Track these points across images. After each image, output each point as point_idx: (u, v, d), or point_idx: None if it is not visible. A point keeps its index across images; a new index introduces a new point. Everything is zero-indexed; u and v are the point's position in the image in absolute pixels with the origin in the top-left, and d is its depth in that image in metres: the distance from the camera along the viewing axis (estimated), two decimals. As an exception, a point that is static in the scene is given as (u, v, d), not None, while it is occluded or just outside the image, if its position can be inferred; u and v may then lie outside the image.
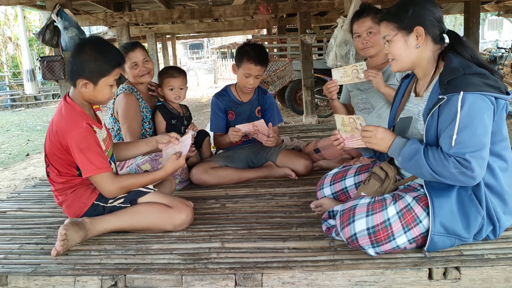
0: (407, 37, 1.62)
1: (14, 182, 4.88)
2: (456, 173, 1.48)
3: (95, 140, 1.88)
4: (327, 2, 5.96)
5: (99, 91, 1.91)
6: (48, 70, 4.29)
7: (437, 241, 1.54)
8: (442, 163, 1.49)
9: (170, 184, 2.34)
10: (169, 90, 2.74)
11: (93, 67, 1.85)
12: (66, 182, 1.94)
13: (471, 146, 1.47)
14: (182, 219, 1.92)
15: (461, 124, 1.47)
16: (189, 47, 34.99)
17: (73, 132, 1.83)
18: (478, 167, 1.47)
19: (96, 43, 1.91)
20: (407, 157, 1.57)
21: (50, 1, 4.25)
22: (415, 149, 1.55)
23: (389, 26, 1.65)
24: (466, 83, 1.47)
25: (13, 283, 1.63)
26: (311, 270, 1.55)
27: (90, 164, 1.84)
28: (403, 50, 1.64)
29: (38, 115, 11.18)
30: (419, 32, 1.60)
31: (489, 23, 25.50)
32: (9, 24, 15.47)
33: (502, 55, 7.74)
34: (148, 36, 9.73)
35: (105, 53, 1.89)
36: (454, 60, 1.56)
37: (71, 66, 1.90)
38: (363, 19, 2.44)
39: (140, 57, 2.66)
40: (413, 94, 1.78)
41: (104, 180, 1.88)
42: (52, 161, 1.93)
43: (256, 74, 2.66)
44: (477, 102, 1.47)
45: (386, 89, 2.39)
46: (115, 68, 1.91)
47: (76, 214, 1.95)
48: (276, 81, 5.30)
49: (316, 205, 2.06)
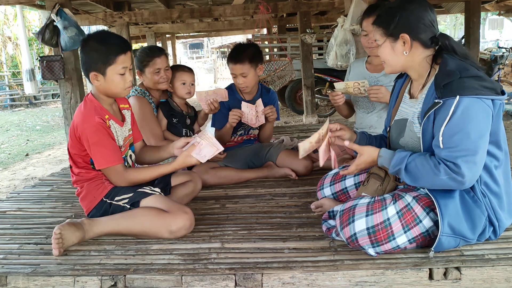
0: (394, 44, 1.61)
1: (14, 182, 4.87)
2: (447, 179, 1.48)
3: (108, 134, 1.92)
4: (327, 2, 5.96)
5: (110, 81, 1.93)
6: (48, 69, 4.29)
7: (443, 241, 1.53)
8: (433, 171, 1.49)
9: (193, 184, 2.33)
10: (181, 84, 2.74)
11: (98, 57, 1.90)
12: (82, 174, 2.00)
13: (464, 150, 1.45)
14: (178, 225, 1.87)
15: (455, 127, 1.45)
16: (189, 47, 34.98)
17: (85, 126, 1.89)
18: (469, 172, 1.46)
19: (99, 34, 1.97)
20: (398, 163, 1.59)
21: (49, 1, 4.25)
22: (403, 157, 1.57)
23: (378, 31, 1.64)
24: (462, 86, 1.45)
25: (13, 283, 1.63)
26: (311, 270, 1.55)
27: (101, 157, 1.91)
28: (391, 56, 1.64)
29: (38, 115, 11.17)
30: (405, 39, 1.57)
31: (489, 22, 25.50)
32: (9, 23, 15.45)
33: (503, 55, 7.71)
34: (147, 36, 9.72)
35: (107, 42, 1.92)
36: (450, 62, 1.53)
37: (82, 62, 1.97)
38: (373, 16, 2.41)
39: (164, 64, 2.68)
40: (408, 96, 1.76)
41: (114, 172, 1.95)
42: (71, 152, 2.00)
43: (240, 72, 2.65)
44: (472, 105, 1.45)
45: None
46: (119, 55, 1.91)
47: (88, 206, 2.01)
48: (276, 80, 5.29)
49: (316, 206, 2.06)
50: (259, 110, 2.63)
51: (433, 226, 1.57)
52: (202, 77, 19.92)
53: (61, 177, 3.10)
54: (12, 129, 8.94)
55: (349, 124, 4.58)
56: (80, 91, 4.52)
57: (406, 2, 1.59)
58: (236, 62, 2.64)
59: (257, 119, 2.66)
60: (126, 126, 2.11)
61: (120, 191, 1.97)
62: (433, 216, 1.56)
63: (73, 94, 4.48)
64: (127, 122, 2.12)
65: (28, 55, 6.70)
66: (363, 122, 2.62)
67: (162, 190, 2.10)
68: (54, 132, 8.40)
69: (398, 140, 1.76)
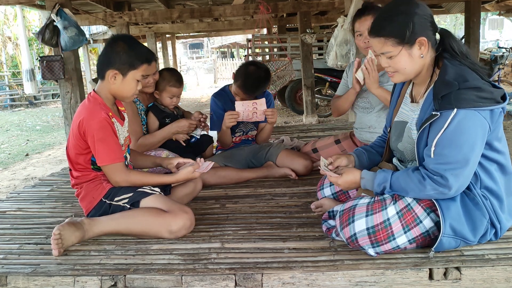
0: (410, 50, 1.55)
1: (14, 182, 4.87)
2: (434, 193, 1.51)
3: (113, 130, 1.94)
4: (327, 2, 5.96)
5: (127, 84, 1.97)
6: (48, 69, 4.29)
7: (444, 242, 1.53)
8: (418, 188, 1.52)
9: (193, 184, 2.34)
10: (169, 97, 2.74)
11: (125, 58, 1.94)
12: (81, 177, 2.01)
13: (454, 163, 1.46)
14: (178, 225, 1.87)
15: (448, 139, 1.45)
16: (189, 47, 34.98)
17: (92, 121, 1.90)
18: (456, 183, 1.47)
19: (129, 38, 2.03)
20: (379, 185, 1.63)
21: (49, 1, 4.25)
22: (386, 175, 1.61)
23: (389, 42, 1.55)
24: (460, 98, 1.44)
25: (13, 283, 1.62)
26: (311, 270, 1.55)
27: (105, 154, 1.92)
28: (409, 63, 1.57)
29: (38, 115, 11.17)
30: (422, 42, 1.54)
31: (490, 22, 25.48)
32: (9, 23, 15.44)
33: (503, 55, 7.71)
34: (147, 36, 9.73)
35: (137, 47, 2.00)
36: (450, 70, 1.51)
37: (102, 57, 2.00)
38: (365, 17, 2.41)
39: (153, 70, 2.67)
40: (409, 99, 1.76)
41: (115, 170, 1.95)
42: (71, 154, 2.01)
43: (243, 97, 2.72)
44: (468, 118, 1.44)
45: (378, 91, 2.37)
46: (144, 63, 1.99)
47: (87, 207, 2.02)
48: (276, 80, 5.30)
49: (317, 206, 2.06)
50: (260, 109, 2.63)
51: (434, 227, 1.57)
52: (202, 77, 19.91)
53: (61, 177, 3.10)
54: (12, 129, 8.94)
55: (348, 124, 4.59)
56: (80, 91, 4.53)
57: (409, 6, 1.54)
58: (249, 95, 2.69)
59: (254, 115, 2.65)
60: (125, 126, 2.12)
61: (119, 191, 1.97)
62: (434, 217, 1.56)
63: (73, 94, 4.49)
64: (126, 123, 2.13)
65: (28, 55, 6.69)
66: (362, 122, 2.62)
67: (162, 190, 2.10)
68: (54, 132, 8.40)
69: (397, 144, 1.76)
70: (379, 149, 1.95)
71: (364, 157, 1.90)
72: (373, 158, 1.92)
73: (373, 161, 1.91)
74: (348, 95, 2.56)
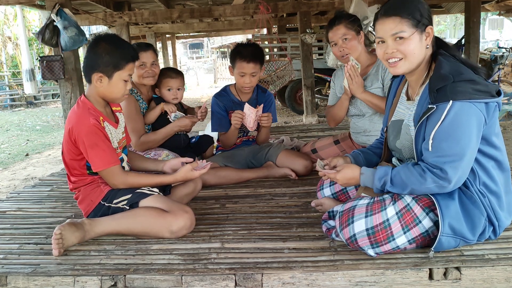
0: (421, 36, 1.56)
1: (14, 182, 4.87)
2: (434, 186, 1.51)
3: (103, 135, 1.92)
4: (327, 2, 5.95)
5: (114, 86, 1.94)
6: (48, 69, 4.29)
7: (444, 241, 1.53)
8: (419, 181, 1.52)
9: (193, 184, 2.33)
10: (167, 90, 2.76)
11: (108, 60, 1.89)
12: (78, 182, 2.01)
13: (452, 156, 1.47)
14: (179, 225, 1.87)
15: (446, 132, 1.46)
16: (189, 47, 34.97)
17: (80, 128, 1.88)
18: (455, 177, 1.48)
19: (111, 38, 1.96)
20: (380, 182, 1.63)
21: (49, 1, 4.25)
22: (386, 170, 1.60)
23: (404, 22, 1.53)
24: (455, 91, 1.45)
25: (13, 283, 1.63)
26: (311, 270, 1.55)
27: (98, 159, 1.90)
28: (418, 49, 1.57)
29: (38, 115, 11.17)
30: (430, 31, 1.57)
31: (489, 22, 25.50)
32: (9, 23, 15.44)
33: (503, 55, 7.71)
34: (147, 36, 9.72)
35: (120, 47, 1.93)
36: (445, 65, 1.53)
37: (86, 61, 1.95)
38: (336, 26, 2.43)
39: (150, 59, 2.69)
40: (405, 97, 1.76)
41: (112, 174, 1.94)
42: (66, 159, 2.00)
43: (251, 72, 2.64)
44: (464, 110, 1.45)
45: (363, 95, 2.38)
46: (129, 63, 1.94)
47: (86, 210, 2.01)
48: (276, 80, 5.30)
49: (317, 204, 2.06)
50: (258, 115, 2.64)
51: (433, 227, 1.57)
52: (202, 77, 19.91)
53: (61, 177, 3.10)
54: (12, 129, 8.93)
55: (348, 124, 4.58)
56: (80, 91, 4.52)
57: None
58: (250, 61, 2.61)
59: (254, 123, 2.67)
60: (120, 128, 2.10)
61: (118, 193, 1.96)
62: (433, 217, 1.56)
63: (73, 94, 4.48)
64: (120, 124, 2.11)
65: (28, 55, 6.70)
66: (357, 127, 2.62)
67: (162, 190, 2.10)
68: (54, 132, 8.40)
69: (395, 142, 1.76)
70: (376, 150, 1.96)
71: (361, 158, 1.91)
72: (370, 159, 1.92)
73: (370, 162, 1.91)
74: (341, 102, 2.57)
